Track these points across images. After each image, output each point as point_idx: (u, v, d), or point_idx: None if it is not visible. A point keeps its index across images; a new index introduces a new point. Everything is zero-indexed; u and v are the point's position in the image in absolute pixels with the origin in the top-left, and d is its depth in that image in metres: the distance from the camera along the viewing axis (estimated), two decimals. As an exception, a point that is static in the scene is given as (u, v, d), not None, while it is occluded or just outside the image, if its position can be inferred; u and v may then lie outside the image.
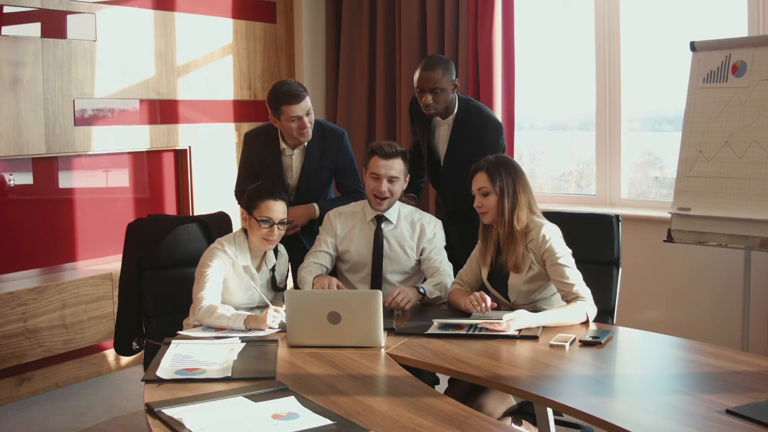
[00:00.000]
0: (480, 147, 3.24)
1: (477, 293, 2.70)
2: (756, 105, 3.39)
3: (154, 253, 3.08)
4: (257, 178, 3.38)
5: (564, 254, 2.72)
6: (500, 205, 2.75)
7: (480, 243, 2.90)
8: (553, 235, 2.73)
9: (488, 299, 2.67)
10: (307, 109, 3.25)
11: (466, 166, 2.94)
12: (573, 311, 2.64)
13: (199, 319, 2.73)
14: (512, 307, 2.79)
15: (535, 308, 2.74)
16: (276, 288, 3.01)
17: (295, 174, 3.42)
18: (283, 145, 3.38)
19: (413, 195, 3.60)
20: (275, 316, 2.60)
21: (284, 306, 2.56)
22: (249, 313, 2.68)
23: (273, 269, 2.99)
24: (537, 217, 2.79)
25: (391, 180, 3.07)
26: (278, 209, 2.86)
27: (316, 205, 3.41)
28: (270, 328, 2.62)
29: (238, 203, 3.52)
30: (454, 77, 3.33)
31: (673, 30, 4.25)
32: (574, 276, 2.70)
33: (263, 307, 2.85)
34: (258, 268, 2.94)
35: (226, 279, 2.86)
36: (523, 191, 2.77)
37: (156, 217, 3.27)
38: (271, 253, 2.99)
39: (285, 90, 3.25)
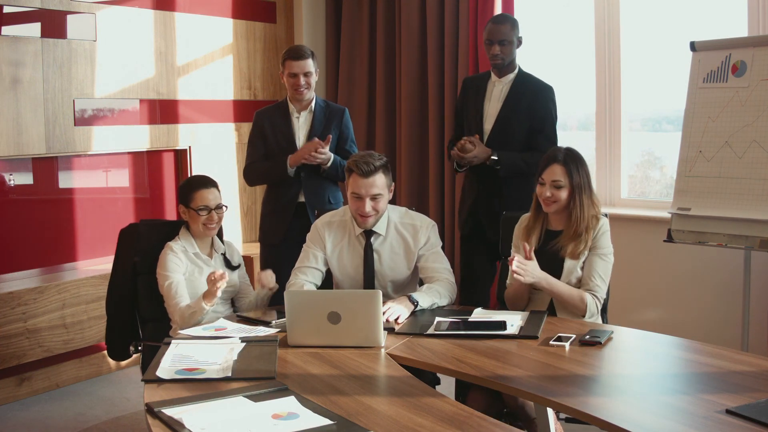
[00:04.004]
0: (536, 106, 3.56)
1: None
2: (756, 105, 3.39)
3: (148, 257, 3.08)
4: (268, 148, 3.70)
5: (610, 252, 2.83)
6: (575, 200, 2.80)
7: (531, 223, 2.92)
8: (608, 229, 2.86)
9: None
10: (306, 70, 3.58)
11: (518, 123, 3.52)
12: (577, 294, 2.75)
13: (182, 327, 2.83)
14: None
15: None
16: (231, 267, 3.14)
17: (303, 135, 3.68)
18: (291, 108, 3.69)
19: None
20: (216, 283, 2.74)
21: (222, 271, 2.77)
22: (202, 294, 2.84)
23: (224, 254, 3.14)
24: (599, 212, 2.89)
25: (374, 198, 2.89)
26: (212, 196, 3.06)
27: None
28: (216, 296, 2.79)
29: (246, 181, 3.84)
30: (519, 34, 3.60)
31: (673, 30, 4.25)
32: (604, 273, 2.80)
33: (231, 288, 3.10)
34: (209, 256, 3.10)
35: (188, 273, 3.00)
36: (592, 187, 2.87)
37: (148, 222, 3.28)
38: (218, 242, 3.14)
39: (291, 48, 3.69)
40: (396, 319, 2.70)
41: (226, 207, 3.12)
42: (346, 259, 3.02)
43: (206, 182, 3.10)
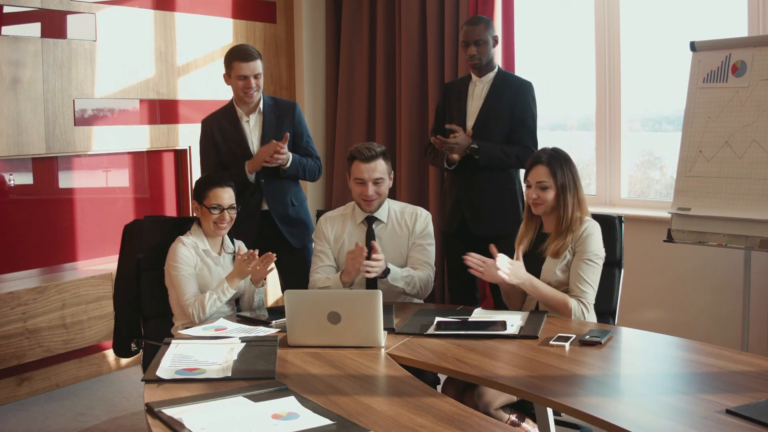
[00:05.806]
0: (516, 101, 3.60)
1: None
2: (756, 105, 3.39)
3: (151, 254, 3.08)
4: (220, 157, 3.57)
5: (595, 256, 2.76)
6: (561, 200, 2.78)
7: (523, 227, 2.92)
8: (593, 232, 2.78)
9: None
10: (256, 72, 3.47)
11: (499, 118, 3.55)
12: (561, 298, 2.72)
13: (195, 317, 2.85)
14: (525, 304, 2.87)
15: None
16: None
17: (256, 140, 3.57)
18: (239, 112, 3.57)
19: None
20: (243, 254, 2.86)
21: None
22: (226, 277, 2.92)
23: (233, 253, 3.12)
24: (585, 214, 2.85)
25: (377, 182, 3.06)
26: (226, 196, 3.05)
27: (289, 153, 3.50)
28: (255, 274, 2.92)
29: None
30: (494, 33, 3.65)
31: (673, 30, 4.25)
32: (591, 278, 2.75)
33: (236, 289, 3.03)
34: (219, 255, 3.10)
35: (197, 269, 3.00)
36: (580, 186, 2.84)
37: (152, 218, 3.27)
38: (228, 241, 3.13)
39: (239, 49, 3.52)
40: (368, 270, 2.88)
41: (240, 208, 3.13)
42: (348, 246, 3.10)
43: (222, 181, 3.09)
